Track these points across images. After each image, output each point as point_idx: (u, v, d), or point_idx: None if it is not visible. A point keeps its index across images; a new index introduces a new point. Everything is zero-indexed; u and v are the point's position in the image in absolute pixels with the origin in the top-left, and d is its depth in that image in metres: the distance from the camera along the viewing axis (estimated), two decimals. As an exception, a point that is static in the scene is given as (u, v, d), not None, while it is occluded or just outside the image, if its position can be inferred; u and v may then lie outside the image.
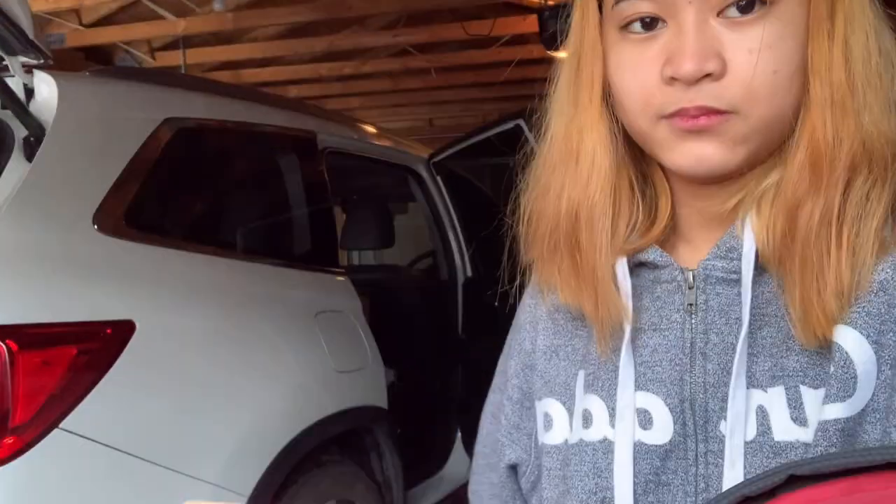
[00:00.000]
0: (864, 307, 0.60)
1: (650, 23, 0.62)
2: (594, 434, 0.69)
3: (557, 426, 0.72)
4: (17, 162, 1.74)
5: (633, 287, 0.68)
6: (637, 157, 0.69)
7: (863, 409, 0.59)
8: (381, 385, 2.55)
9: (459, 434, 3.36)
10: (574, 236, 0.69)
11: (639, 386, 0.67)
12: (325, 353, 2.29)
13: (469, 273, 3.49)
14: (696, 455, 0.65)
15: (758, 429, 0.62)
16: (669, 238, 0.70)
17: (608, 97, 0.67)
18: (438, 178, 3.49)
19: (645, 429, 0.66)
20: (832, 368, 0.60)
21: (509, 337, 0.82)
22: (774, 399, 0.62)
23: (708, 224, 0.68)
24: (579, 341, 0.73)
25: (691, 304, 0.67)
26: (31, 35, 1.80)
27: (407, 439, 2.74)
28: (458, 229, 3.49)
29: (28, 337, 1.58)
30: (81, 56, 5.85)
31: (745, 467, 0.61)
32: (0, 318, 1.56)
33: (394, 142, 3.44)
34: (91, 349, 1.67)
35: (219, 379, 1.95)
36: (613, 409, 0.68)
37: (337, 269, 2.61)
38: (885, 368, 0.59)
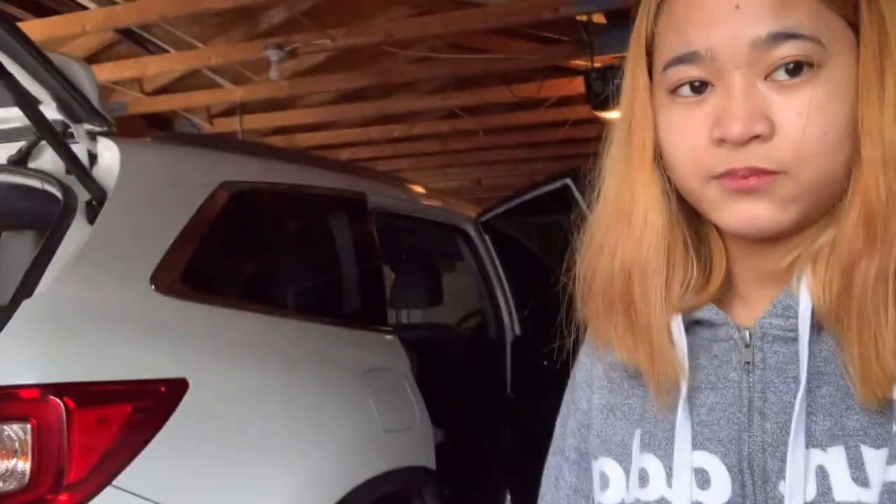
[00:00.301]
0: None
1: (699, 87, 0.62)
2: (651, 494, 0.68)
3: (614, 486, 0.71)
4: (79, 224, 1.80)
5: (689, 345, 0.67)
6: (691, 215, 0.69)
7: None
8: (429, 445, 2.53)
9: (509, 496, 3.31)
10: (629, 294, 0.69)
11: (696, 445, 0.66)
12: (373, 413, 2.29)
13: (518, 332, 3.47)
14: None
15: (818, 489, 0.60)
16: (724, 296, 0.70)
17: (659, 158, 0.68)
18: (486, 237, 3.51)
19: (703, 489, 0.65)
20: (895, 428, 0.58)
21: (565, 396, 0.82)
22: (834, 459, 0.60)
23: (763, 282, 0.68)
24: (636, 400, 0.73)
25: (748, 363, 0.66)
26: (95, 103, 1.88)
27: (455, 500, 2.70)
28: (507, 288, 3.49)
29: (84, 394, 1.61)
30: (143, 122, 6.06)
31: None
32: (58, 375, 1.60)
33: (442, 201, 3.47)
34: (145, 407, 1.69)
35: (270, 437, 1.96)
36: (670, 469, 0.67)
37: (386, 328, 2.62)
38: None
